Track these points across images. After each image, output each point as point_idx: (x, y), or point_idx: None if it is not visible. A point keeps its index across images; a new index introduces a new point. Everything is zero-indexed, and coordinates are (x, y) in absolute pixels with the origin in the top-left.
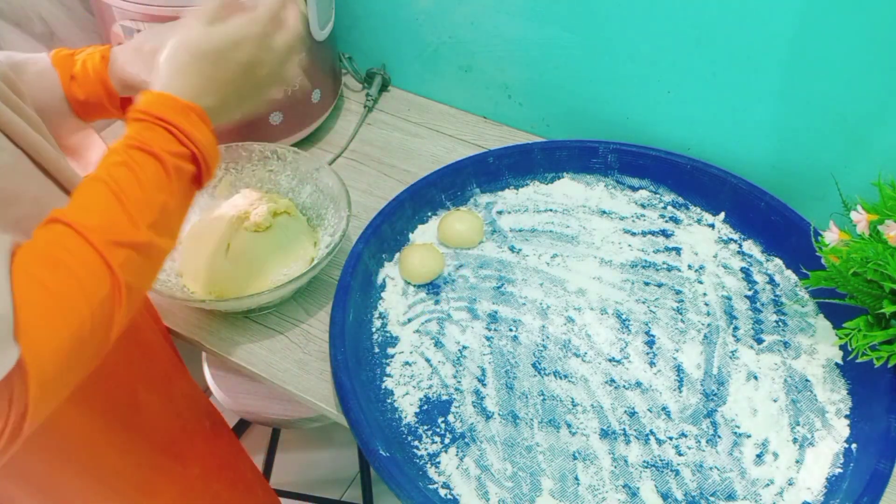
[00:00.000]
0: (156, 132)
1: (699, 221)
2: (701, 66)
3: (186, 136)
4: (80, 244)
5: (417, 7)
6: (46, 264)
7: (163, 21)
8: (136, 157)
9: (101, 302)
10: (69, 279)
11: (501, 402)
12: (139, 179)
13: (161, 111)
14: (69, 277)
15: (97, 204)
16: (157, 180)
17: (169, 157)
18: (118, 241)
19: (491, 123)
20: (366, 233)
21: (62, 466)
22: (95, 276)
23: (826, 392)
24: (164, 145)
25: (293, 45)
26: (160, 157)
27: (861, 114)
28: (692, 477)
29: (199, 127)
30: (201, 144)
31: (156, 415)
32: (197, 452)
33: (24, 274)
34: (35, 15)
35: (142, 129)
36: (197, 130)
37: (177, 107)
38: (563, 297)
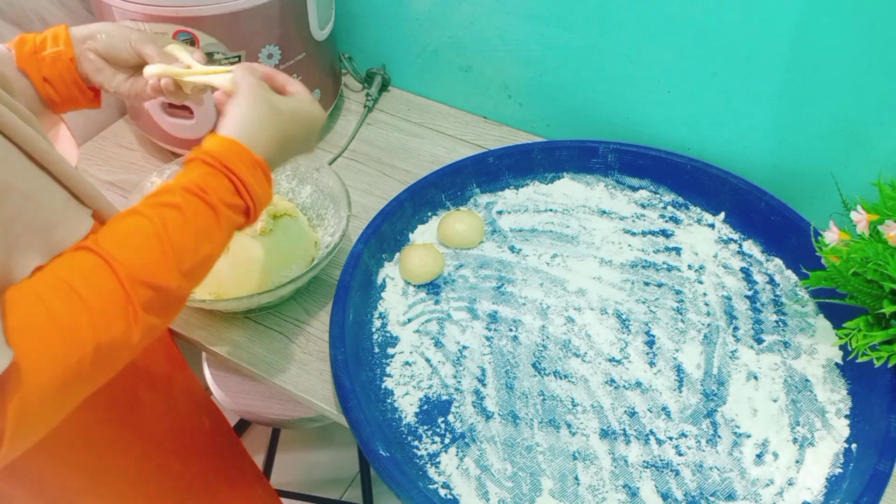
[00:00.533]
0: (220, 181)
1: (699, 221)
2: (701, 66)
3: (249, 192)
4: (105, 277)
5: (417, 7)
6: (60, 292)
7: (164, 21)
8: (191, 203)
9: (110, 341)
10: (80, 312)
11: (501, 402)
12: (188, 226)
13: (231, 161)
14: (81, 310)
15: (136, 241)
16: (207, 230)
17: (224, 209)
18: (147, 283)
19: (491, 123)
20: (366, 233)
21: (61, 465)
22: (110, 315)
23: (826, 392)
24: (224, 196)
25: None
26: (217, 208)
27: (861, 114)
28: (692, 477)
29: (261, 182)
30: (258, 199)
31: (156, 413)
32: (197, 451)
33: (34, 297)
34: (35, 15)
35: (206, 174)
36: (258, 186)
37: (248, 160)
38: (563, 297)
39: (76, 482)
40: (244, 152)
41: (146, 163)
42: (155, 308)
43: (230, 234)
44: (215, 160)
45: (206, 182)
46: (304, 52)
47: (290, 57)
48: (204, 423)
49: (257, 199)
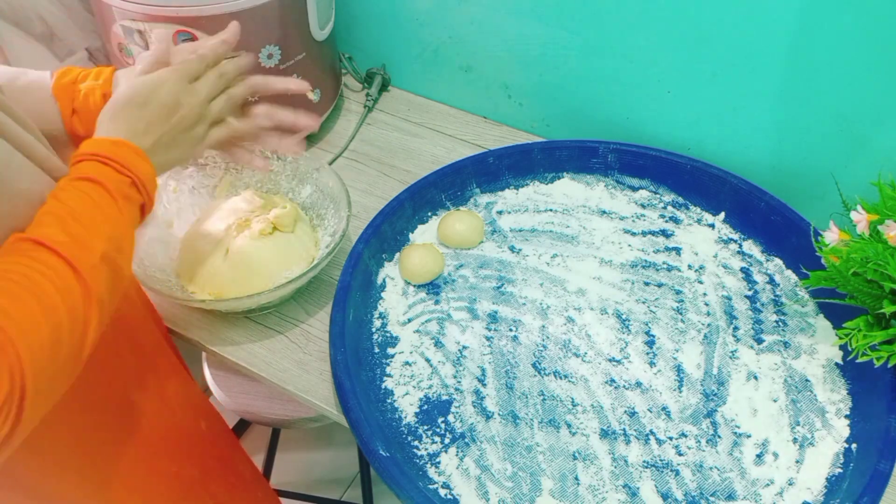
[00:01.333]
0: (94, 166)
1: (699, 221)
2: (701, 66)
3: (122, 164)
4: (49, 255)
5: (417, 7)
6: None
7: (164, 21)
8: (81, 186)
9: (74, 305)
10: (45, 284)
11: (501, 402)
12: (88, 201)
13: (92, 149)
14: (45, 282)
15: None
16: (106, 201)
17: (112, 184)
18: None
19: (491, 123)
20: (366, 233)
21: (55, 470)
22: (67, 282)
23: (826, 392)
24: (102, 172)
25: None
26: (103, 183)
27: (861, 113)
28: (692, 477)
29: (133, 158)
30: (138, 171)
31: (150, 417)
32: (194, 454)
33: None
34: (35, 15)
35: (80, 167)
36: (131, 160)
37: (106, 143)
38: (563, 297)
39: (70, 487)
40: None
41: None
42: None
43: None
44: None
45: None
46: (304, 52)
47: (289, 57)
48: (201, 427)
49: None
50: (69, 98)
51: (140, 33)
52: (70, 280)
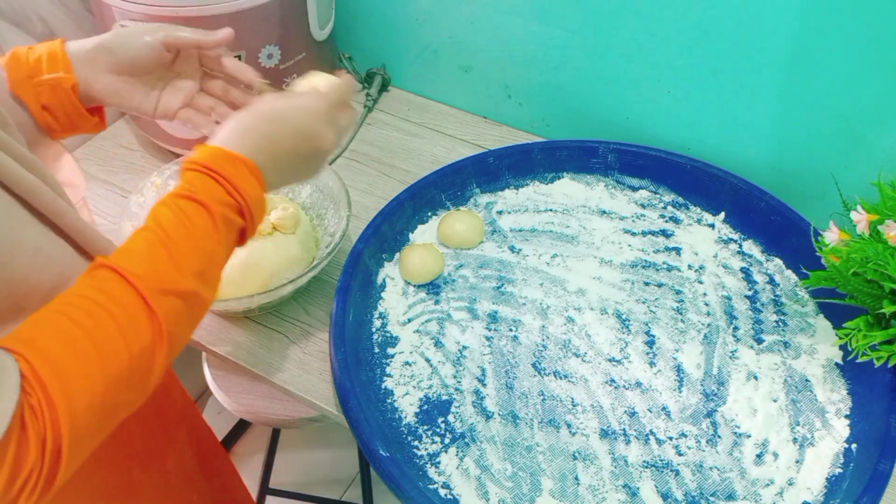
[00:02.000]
0: (204, 181)
1: (699, 221)
2: (701, 66)
3: (233, 185)
4: (124, 290)
5: (417, 7)
6: (87, 310)
7: (164, 21)
8: (183, 206)
9: (141, 351)
10: (110, 326)
11: (501, 402)
12: (186, 228)
13: (210, 161)
14: (110, 324)
15: (143, 251)
16: (205, 229)
17: (216, 206)
18: (164, 290)
19: (491, 123)
20: (366, 233)
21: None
22: (137, 324)
23: (826, 392)
24: (212, 194)
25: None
26: (207, 206)
27: (861, 113)
28: (692, 477)
29: (248, 179)
30: (248, 196)
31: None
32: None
33: (62, 316)
34: (35, 15)
35: (191, 178)
36: (245, 182)
37: (226, 157)
38: (563, 297)
39: None
40: (221, 152)
41: (146, 163)
42: (177, 316)
43: (230, 234)
44: (194, 163)
45: (192, 185)
46: (304, 52)
47: (290, 57)
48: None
49: (246, 196)
50: (33, 94)
51: None
52: (143, 326)
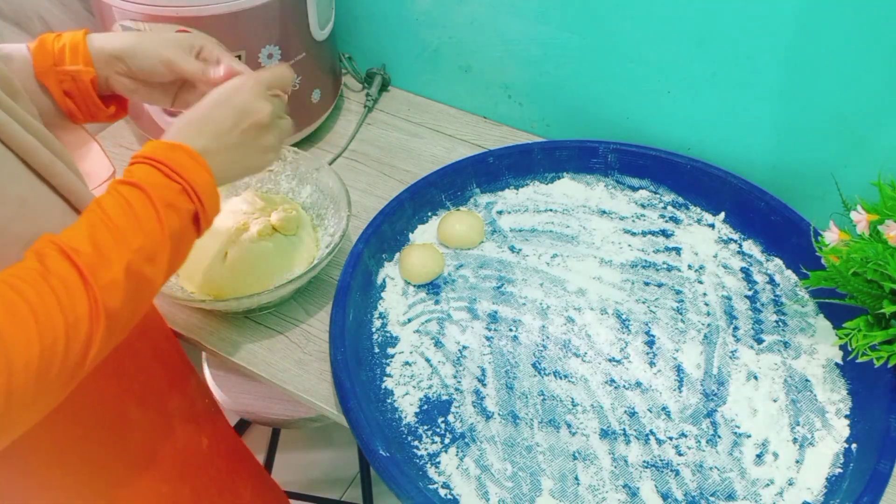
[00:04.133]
0: (142, 169)
1: (699, 221)
2: (701, 65)
3: (172, 169)
4: (63, 264)
5: (417, 7)
6: (29, 280)
7: (164, 21)
8: (122, 191)
9: (77, 321)
10: (49, 296)
11: (501, 402)
12: (124, 208)
13: (148, 152)
14: (49, 295)
15: (85, 228)
16: (144, 210)
17: (155, 190)
18: (102, 265)
19: (491, 123)
20: (366, 233)
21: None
22: (74, 297)
23: (826, 392)
24: (151, 179)
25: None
26: (145, 189)
27: (861, 113)
28: (692, 477)
29: (187, 163)
30: (191, 179)
31: (144, 433)
32: (188, 474)
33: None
34: (35, 14)
35: (131, 169)
36: (185, 166)
37: (164, 146)
38: (563, 297)
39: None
40: (158, 142)
41: None
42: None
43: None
44: (133, 157)
45: (130, 173)
46: (304, 52)
47: (289, 57)
48: (201, 444)
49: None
50: (56, 81)
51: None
52: (80, 298)
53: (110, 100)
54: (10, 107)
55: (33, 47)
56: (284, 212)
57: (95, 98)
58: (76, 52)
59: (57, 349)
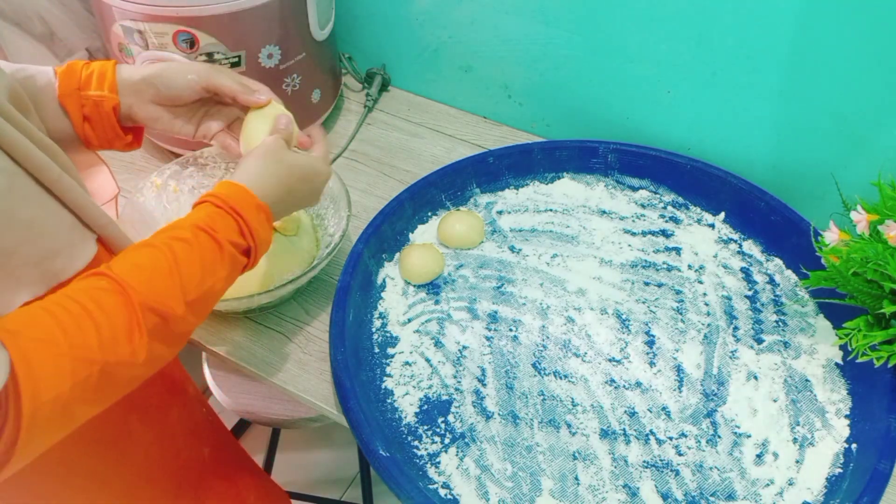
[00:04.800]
0: (226, 221)
1: (699, 221)
2: (701, 66)
3: (251, 232)
4: (116, 301)
5: (417, 7)
6: (73, 311)
7: (164, 21)
8: (200, 238)
9: (116, 362)
10: (91, 332)
11: (501, 402)
12: (196, 260)
13: (238, 204)
14: (92, 330)
15: (148, 269)
16: (213, 265)
17: (228, 246)
18: (155, 309)
19: (491, 123)
20: (366, 233)
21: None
22: (119, 336)
23: (826, 392)
24: (229, 235)
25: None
26: (222, 245)
27: (861, 113)
28: (692, 477)
29: (264, 226)
30: (260, 241)
31: (146, 445)
32: (189, 484)
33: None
34: (35, 14)
35: (215, 214)
36: (262, 229)
37: (252, 204)
38: (563, 297)
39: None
40: (249, 197)
41: (146, 163)
42: (160, 335)
43: (233, 272)
44: (223, 202)
45: (213, 221)
46: (304, 52)
47: (289, 57)
48: (202, 454)
49: (258, 240)
50: (77, 105)
51: (140, 33)
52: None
53: (128, 130)
54: (21, 122)
55: (60, 71)
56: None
57: (115, 125)
58: (103, 79)
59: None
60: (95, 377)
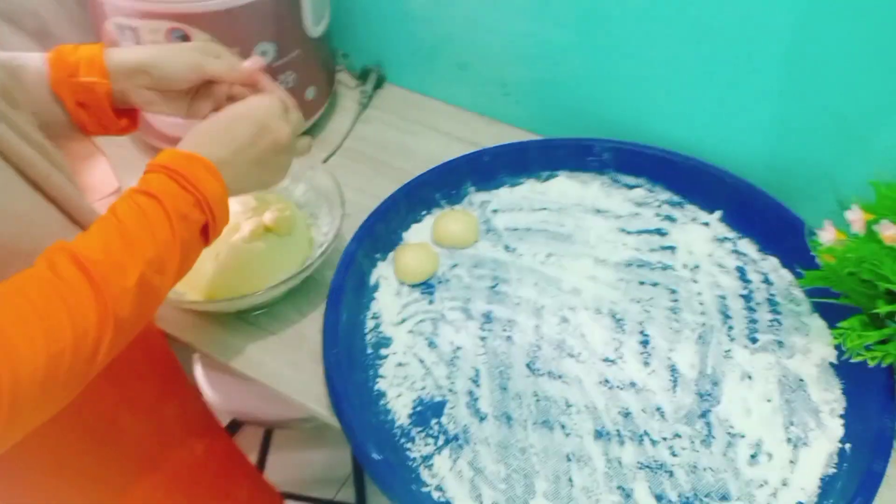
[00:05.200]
0: (159, 178)
1: (694, 220)
2: (698, 64)
3: (187, 181)
4: (75, 272)
5: (413, 4)
6: (39, 286)
7: (157, 18)
8: (138, 200)
9: (86, 330)
10: (58, 305)
11: (495, 403)
12: (139, 218)
13: (166, 161)
14: (59, 303)
15: (97, 236)
16: (158, 220)
17: (170, 200)
18: (114, 273)
19: (487, 121)
20: (360, 232)
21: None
22: (84, 305)
23: (820, 392)
24: (166, 189)
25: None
26: (161, 199)
27: (858, 113)
28: (686, 478)
29: (203, 175)
30: (205, 191)
31: (139, 440)
32: (183, 480)
33: (15, 289)
34: (28, 11)
35: (148, 177)
36: (200, 178)
37: (181, 156)
38: (557, 296)
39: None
40: (175, 152)
41: (141, 162)
42: (126, 301)
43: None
44: (150, 165)
45: (147, 182)
46: (299, 48)
47: (284, 54)
48: (196, 450)
49: (203, 190)
50: (70, 92)
51: (133, 30)
52: (89, 306)
53: (122, 113)
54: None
55: (50, 58)
56: (278, 211)
57: (109, 111)
58: (91, 64)
59: (64, 357)
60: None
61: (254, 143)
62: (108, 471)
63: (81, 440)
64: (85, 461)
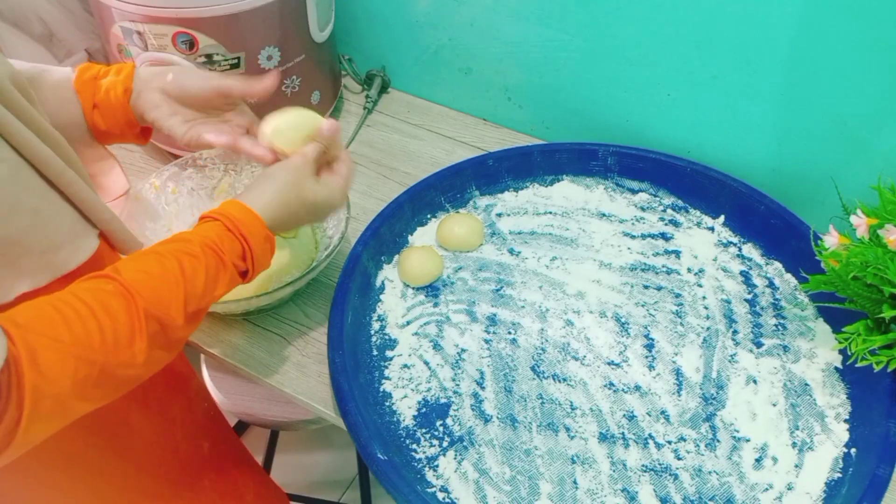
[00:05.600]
0: (233, 245)
1: (699, 224)
2: (701, 68)
3: (254, 260)
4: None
5: (418, 9)
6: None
7: (164, 22)
8: (208, 256)
9: (116, 364)
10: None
11: (500, 405)
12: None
13: (247, 231)
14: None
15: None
16: (215, 281)
17: (231, 267)
18: (158, 318)
19: (491, 126)
20: (365, 235)
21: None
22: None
23: (825, 396)
24: (235, 259)
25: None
26: (227, 265)
27: (861, 117)
28: (691, 481)
29: (267, 256)
30: (259, 269)
31: (147, 439)
32: (190, 476)
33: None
34: (34, 16)
35: (224, 235)
36: (264, 258)
37: (261, 234)
38: (562, 299)
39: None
40: (260, 226)
41: (145, 164)
42: (159, 341)
43: (229, 288)
44: (234, 227)
45: (222, 241)
46: (304, 53)
47: (289, 58)
48: (202, 448)
49: (258, 267)
50: (90, 93)
51: (139, 34)
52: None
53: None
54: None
55: (78, 66)
56: None
57: (128, 109)
58: (120, 70)
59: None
60: (95, 377)
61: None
62: (117, 467)
63: (91, 436)
64: (93, 457)
